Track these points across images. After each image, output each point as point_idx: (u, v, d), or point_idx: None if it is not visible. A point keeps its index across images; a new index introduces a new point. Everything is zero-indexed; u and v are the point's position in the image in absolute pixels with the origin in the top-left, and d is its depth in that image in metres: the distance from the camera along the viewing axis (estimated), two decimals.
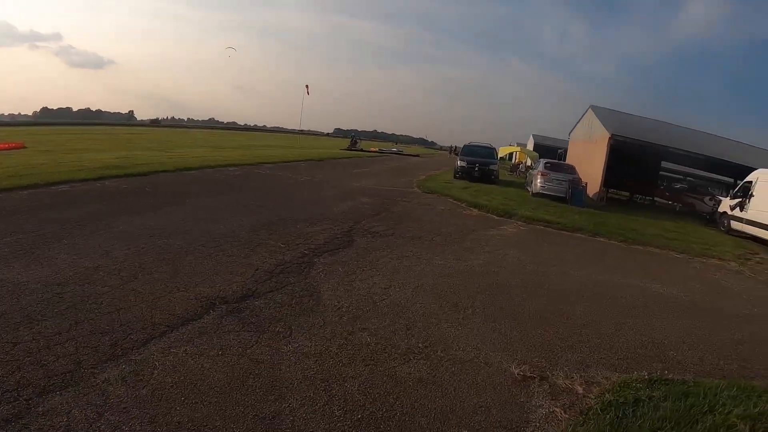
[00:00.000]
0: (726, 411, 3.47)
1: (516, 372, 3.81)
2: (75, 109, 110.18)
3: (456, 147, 35.34)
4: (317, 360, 3.48)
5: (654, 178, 24.33)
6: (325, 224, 8.14)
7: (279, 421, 2.76)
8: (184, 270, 5.04)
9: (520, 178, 26.31)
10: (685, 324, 5.79)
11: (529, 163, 35.40)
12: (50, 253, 5.21)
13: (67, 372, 3.01)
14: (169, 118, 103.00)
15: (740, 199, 15.78)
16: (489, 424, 3.10)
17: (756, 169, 15.79)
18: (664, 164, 27.69)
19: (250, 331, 3.80)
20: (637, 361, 4.51)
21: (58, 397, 2.76)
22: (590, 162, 19.50)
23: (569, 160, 22.86)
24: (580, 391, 3.73)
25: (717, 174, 24.95)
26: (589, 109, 22.14)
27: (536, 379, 3.78)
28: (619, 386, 3.78)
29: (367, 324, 4.24)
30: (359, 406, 3.00)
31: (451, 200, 13.78)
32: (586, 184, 16.32)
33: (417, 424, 2.94)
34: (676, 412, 3.38)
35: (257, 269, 5.26)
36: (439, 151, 79.43)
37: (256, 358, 3.38)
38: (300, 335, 3.85)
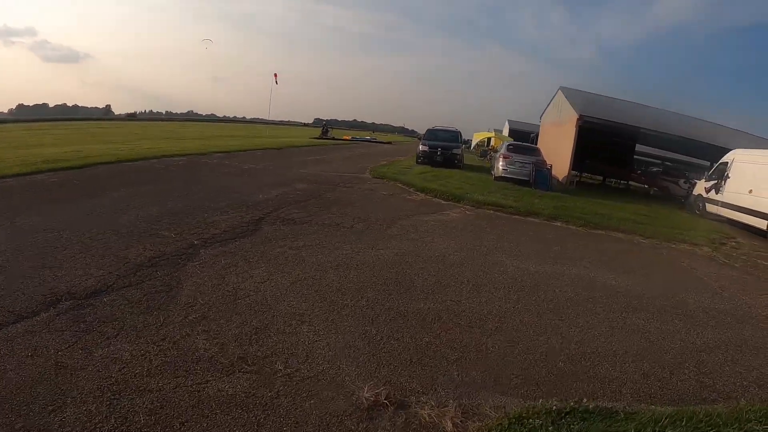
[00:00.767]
0: None
1: (366, 396, 2.78)
2: (51, 104, 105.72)
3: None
4: (124, 367, 2.93)
5: (628, 161, 23.22)
6: (237, 212, 7.35)
7: None
8: (52, 264, 4.52)
9: (489, 163, 25.12)
10: (635, 324, 4.48)
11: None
12: None
13: None
14: (147, 111, 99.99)
15: (715, 181, 14.74)
16: None
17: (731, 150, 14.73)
18: (642, 148, 26.72)
19: (76, 330, 3.33)
20: (554, 380, 3.20)
21: None
22: (560, 145, 18.29)
23: (540, 144, 21.70)
24: (448, 429, 2.55)
25: (695, 158, 23.97)
26: (559, 91, 20.84)
27: (389, 408, 2.70)
28: (512, 422, 2.57)
29: (212, 325, 3.55)
30: (138, 427, 2.41)
31: (400, 185, 12.55)
32: (551, 166, 15.13)
33: None
34: None
35: (128, 262, 4.70)
36: (418, 140, 78.78)
37: (62, 362, 2.93)
38: (125, 337, 3.29)
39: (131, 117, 76.52)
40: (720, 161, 14.92)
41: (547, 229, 9.10)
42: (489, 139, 38.79)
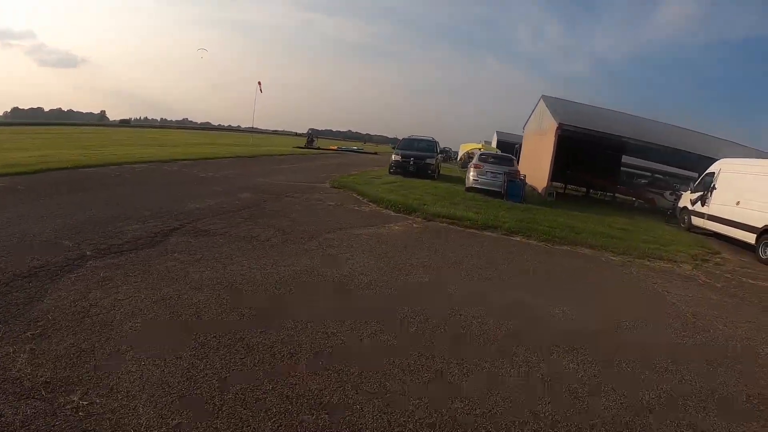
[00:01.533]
0: None
1: None
2: (47, 109, 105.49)
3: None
4: None
5: (614, 173, 22.19)
6: (156, 221, 6.72)
7: None
8: None
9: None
10: (559, 373, 3.35)
11: None
12: None
13: None
14: (143, 118, 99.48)
15: (701, 193, 13.75)
16: None
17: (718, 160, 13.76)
18: (633, 161, 25.82)
19: None
20: None
21: None
22: (541, 155, 17.28)
23: (523, 154, 20.75)
24: None
25: (686, 170, 22.97)
26: (541, 100, 19.92)
27: None
28: None
29: (44, 343, 3.08)
30: None
31: (355, 195, 11.57)
32: (525, 176, 14.05)
33: None
34: None
35: (6, 272, 4.21)
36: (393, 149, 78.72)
37: None
38: None
39: (124, 123, 76.68)
40: (706, 172, 13.96)
41: (500, 245, 8.00)
42: (478, 150, 37.82)
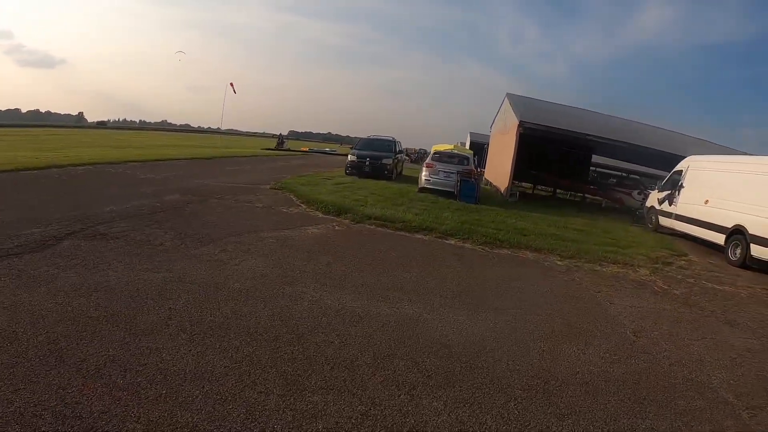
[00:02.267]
0: None
1: None
2: (24, 110, 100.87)
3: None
4: None
5: (583, 173, 21.34)
6: (59, 225, 6.08)
7: None
8: None
9: None
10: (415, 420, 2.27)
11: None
12: None
13: None
14: (121, 120, 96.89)
15: (669, 192, 12.94)
16: None
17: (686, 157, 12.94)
18: (605, 161, 25.07)
19: None
20: None
21: None
22: (504, 154, 16.35)
23: (489, 154, 19.82)
24: None
25: (657, 169, 22.26)
26: (505, 98, 19.07)
27: None
28: None
29: None
30: None
31: (292, 196, 10.49)
32: (480, 175, 13.10)
33: None
34: None
35: None
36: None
37: None
38: None
39: (101, 125, 74.97)
40: (674, 170, 13.14)
41: (428, 249, 7.06)
42: (451, 151, 36.75)
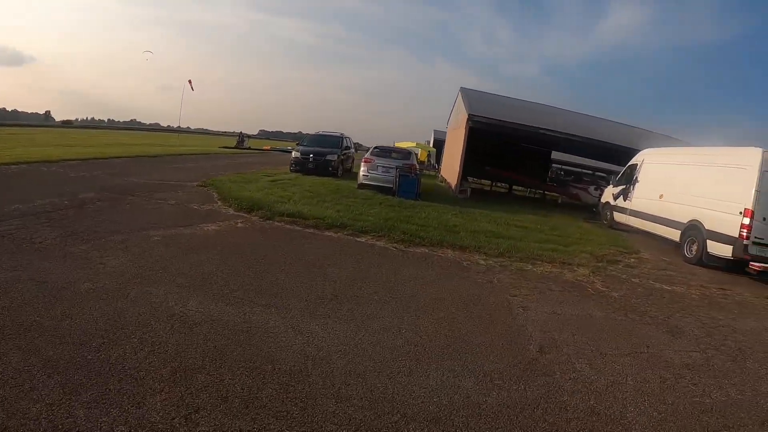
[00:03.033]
0: None
1: None
2: None
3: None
4: None
5: (541, 169, 20.56)
6: None
7: None
8: None
9: None
10: None
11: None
12: None
13: None
14: (89, 119, 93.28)
15: (623, 187, 12.22)
16: None
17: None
18: (569, 158, 24.51)
19: None
20: None
21: None
22: (456, 150, 15.45)
23: (445, 151, 18.82)
24: None
25: (618, 165, 21.77)
26: (459, 92, 18.15)
27: None
28: None
29: None
30: None
31: (213, 193, 9.60)
32: (421, 170, 12.11)
33: None
34: None
35: None
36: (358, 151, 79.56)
37: None
38: None
39: (67, 124, 72.82)
40: (629, 164, 12.44)
41: (329, 248, 6.13)
42: (414, 149, 35.72)
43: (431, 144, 35.55)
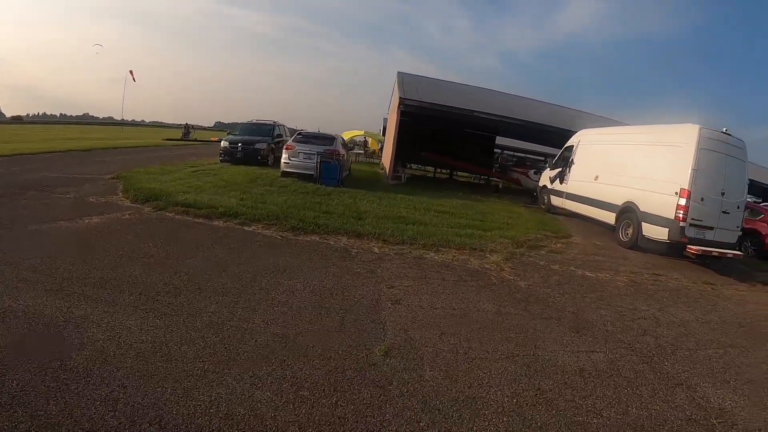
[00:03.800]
0: None
1: None
2: None
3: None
4: None
5: (482, 154, 20.07)
6: None
7: None
8: None
9: None
10: None
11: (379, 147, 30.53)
12: None
13: None
14: (41, 114, 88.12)
15: (560, 169, 11.74)
16: None
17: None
18: (516, 144, 24.29)
19: None
20: None
21: None
22: (390, 136, 14.69)
23: (385, 139, 17.94)
24: None
25: (558, 148, 21.68)
26: (396, 77, 17.39)
27: None
28: None
29: None
30: None
31: (120, 185, 8.85)
32: (344, 156, 11.27)
33: None
34: None
35: None
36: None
37: None
38: None
39: (16, 120, 69.20)
40: (565, 146, 11.97)
41: (205, 237, 5.52)
42: (362, 138, 34.63)
43: (381, 133, 34.65)
